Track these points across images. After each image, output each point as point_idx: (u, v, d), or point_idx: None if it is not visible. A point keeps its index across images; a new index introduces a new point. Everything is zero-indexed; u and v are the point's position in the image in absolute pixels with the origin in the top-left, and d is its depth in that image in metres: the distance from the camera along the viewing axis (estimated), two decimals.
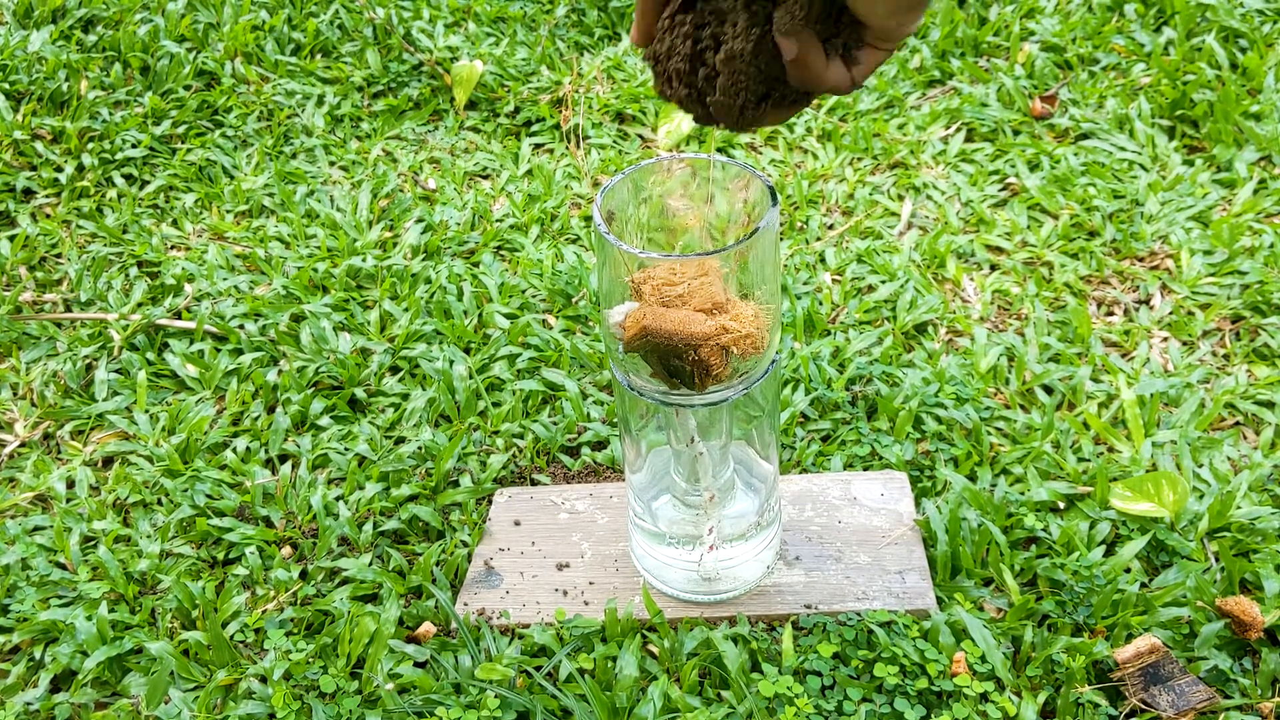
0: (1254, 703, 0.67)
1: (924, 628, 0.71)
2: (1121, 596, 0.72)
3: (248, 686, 0.72)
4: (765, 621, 0.73)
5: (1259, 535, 0.77)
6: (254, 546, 0.82)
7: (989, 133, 1.28)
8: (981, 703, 0.66)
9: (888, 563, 0.76)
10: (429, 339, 1.02)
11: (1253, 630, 0.68)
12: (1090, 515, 0.79)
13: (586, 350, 0.98)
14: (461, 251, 1.15)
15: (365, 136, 1.37)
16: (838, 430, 0.89)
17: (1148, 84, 1.31)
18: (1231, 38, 1.36)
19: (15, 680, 0.75)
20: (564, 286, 1.07)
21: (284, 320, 1.04)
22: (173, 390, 1.00)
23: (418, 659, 0.73)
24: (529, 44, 1.52)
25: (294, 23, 1.54)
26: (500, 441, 0.90)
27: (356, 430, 0.92)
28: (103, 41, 1.48)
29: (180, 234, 1.21)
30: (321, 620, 0.77)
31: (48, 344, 1.06)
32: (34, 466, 0.92)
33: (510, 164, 1.30)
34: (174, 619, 0.78)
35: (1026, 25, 1.45)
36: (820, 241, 1.13)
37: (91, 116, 1.35)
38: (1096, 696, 0.67)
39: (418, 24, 1.51)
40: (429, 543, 0.83)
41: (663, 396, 0.58)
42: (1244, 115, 1.22)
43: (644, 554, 0.74)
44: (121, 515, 0.88)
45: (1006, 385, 0.93)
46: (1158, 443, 0.86)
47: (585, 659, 0.71)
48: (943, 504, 0.80)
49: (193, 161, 1.31)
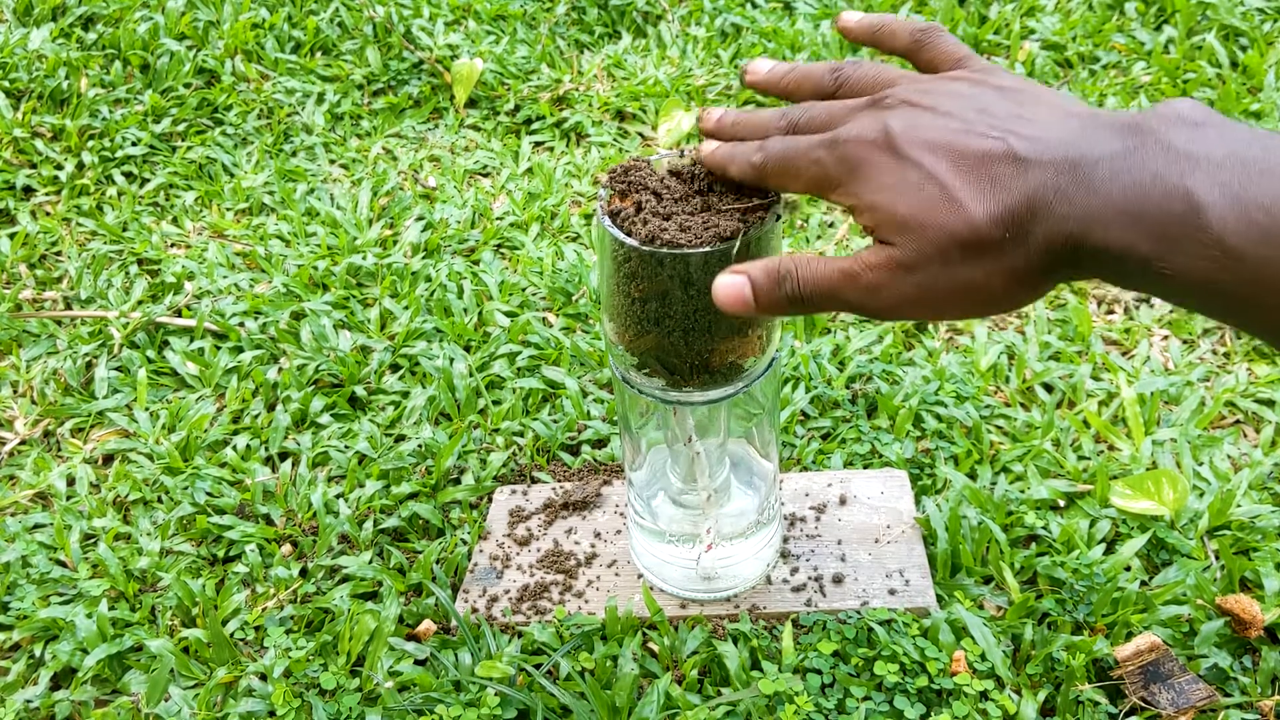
0: (1254, 701, 0.67)
1: (924, 626, 0.71)
2: (1121, 594, 0.72)
3: (248, 684, 0.72)
4: (765, 619, 0.73)
5: (1259, 533, 0.77)
6: (254, 544, 0.82)
7: None
8: (981, 701, 0.66)
9: (888, 561, 0.76)
10: (429, 337, 1.02)
11: (1253, 628, 0.68)
12: (1090, 513, 0.79)
13: (586, 348, 0.98)
14: (462, 249, 1.15)
15: (365, 134, 1.37)
16: (838, 428, 0.89)
17: (1148, 82, 1.31)
18: (1232, 36, 1.35)
19: (15, 678, 0.75)
20: (564, 284, 1.07)
21: (284, 318, 1.04)
22: (173, 388, 1.00)
23: (418, 657, 0.73)
24: (529, 42, 1.51)
25: (294, 21, 1.54)
26: (500, 439, 0.90)
27: (357, 428, 0.92)
28: (103, 39, 1.48)
29: (180, 232, 1.21)
30: (321, 618, 0.77)
31: (48, 342, 1.06)
32: (34, 464, 0.92)
33: (510, 162, 1.30)
34: (174, 616, 0.78)
35: (1027, 23, 1.45)
36: (820, 240, 1.13)
37: (91, 114, 1.35)
38: (1096, 694, 0.67)
39: (418, 22, 1.51)
40: (429, 540, 0.83)
41: (662, 394, 0.58)
42: (1244, 114, 1.22)
43: (644, 552, 0.74)
44: (122, 513, 0.88)
45: (1007, 383, 0.93)
46: (1158, 441, 0.86)
47: (585, 657, 0.71)
48: (943, 502, 0.80)
49: (193, 159, 1.31)
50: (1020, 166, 0.37)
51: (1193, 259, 0.33)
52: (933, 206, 0.38)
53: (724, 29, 1.53)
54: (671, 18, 1.55)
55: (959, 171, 0.38)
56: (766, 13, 1.55)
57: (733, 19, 1.53)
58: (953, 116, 0.40)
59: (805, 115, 0.46)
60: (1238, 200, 0.32)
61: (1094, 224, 0.35)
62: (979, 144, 0.39)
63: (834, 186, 0.42)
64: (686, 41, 1.51)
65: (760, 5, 1.58)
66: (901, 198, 0.39)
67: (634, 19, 1.56)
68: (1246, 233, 0.32)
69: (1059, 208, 0.36)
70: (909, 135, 0.40)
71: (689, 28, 1.54)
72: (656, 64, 1.46)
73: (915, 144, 0.40)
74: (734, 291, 0.44)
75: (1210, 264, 0.32)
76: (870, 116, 0.42)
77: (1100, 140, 0.36)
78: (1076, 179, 0.36)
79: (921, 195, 0.39)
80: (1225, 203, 0.32)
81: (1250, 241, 0.32)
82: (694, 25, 1.54)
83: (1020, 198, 0.37)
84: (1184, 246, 0.33)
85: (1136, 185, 0.34)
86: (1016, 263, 0.38)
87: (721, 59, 1.46)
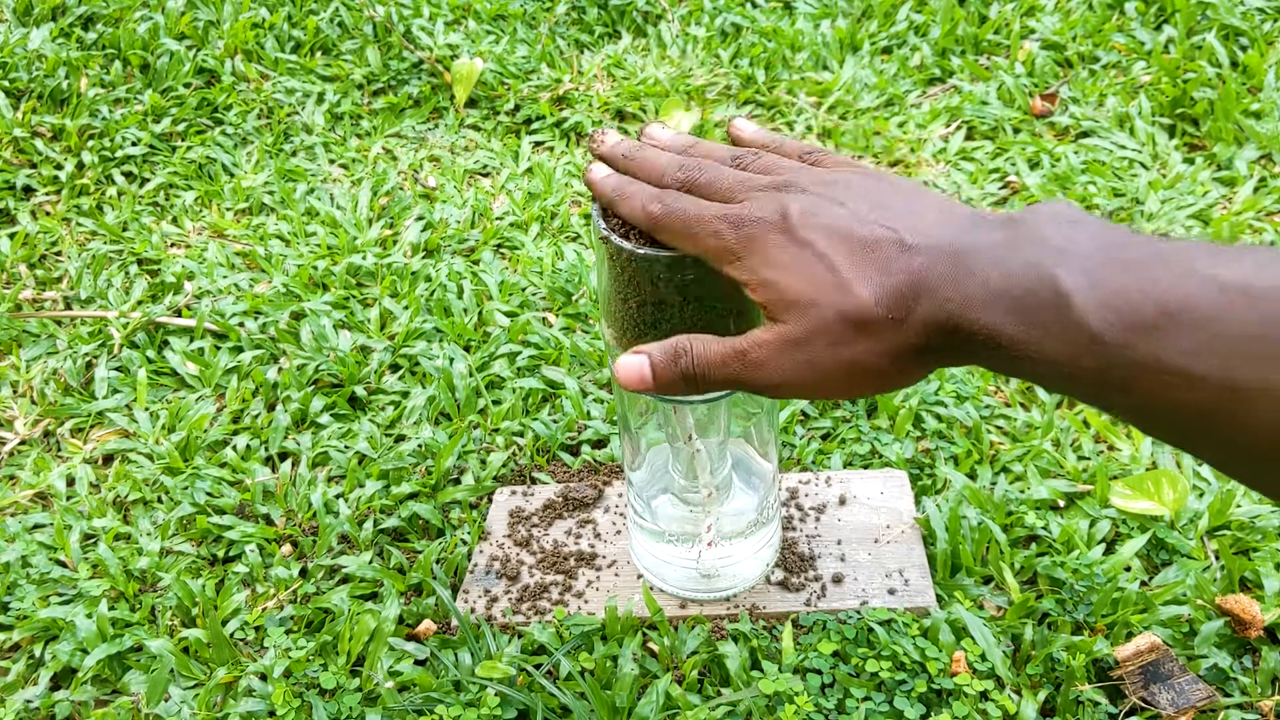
0: (1254, 701, 0.67)
1: (924, 626, 0.71)
2: (1121, 595, 0.72)
3: (248, 684, 0.72)
4: (765, 619, 0.73)
5: (1259, 534, 0.77)
6: (254, 544, 0.82)
7: (989, 131, 1.28)
8: (981, 701, 0.66)
9: (887, 561, 0.76)
10: (429, 337, 1.02)
11: (1253, 628, 0.68)
12: (1090, 513, 0.79)
13: (586, 348, 0.98)
14: (461, 249, 1.15)
15: (365, 134, 1.37)
16: (838, 428, 0.89)
17: (1148, 82, 1.31)
18: (1232, 36, 1.35)
19: (15, 678, 0.75)
20: (564, 284, 1.07)
21: (284, 318, 1.04)
22: (173, 388, 1.00)
23: (418, 657, 0.73)
24: (529, 42, 1.51)
25: (294, 20, 1.54)
26: (500, 439, 0.90)
27: (356, 428, 0.92)
28: (102, 39, 1.48)
29: (180, 232, 1.21)
30: (321, 618, 0.77)
31: (48, 342, 1.06)
32: (34, 464, 0.92)
33: (510, 162, 1.30)
34: (174, 617, 0.78)
35: (1027, 23, 1.45)
36: None
37: (91, 114, 1.35)
38: (1096, 694, 0.67)
39: (418, 22, 1.51)
40: (429, 540, 0.83)
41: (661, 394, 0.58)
42: (1244, 113, 1.22)
43: (644, 552, 0.74)
44: (121, 513, 0.88)
45: (1006, 383, 0.93)
46: (1158, 441, 0.85)
47: (585, 657, 0.71)
48: (943, 502, 0.80)
49: (193, 159, 1.31)
50: (906, 252, 0.40)
51: (1059, 343, 0.35)
52: (822, 285, 0.41)
53: (724, 29, 1.53)
54: (671, 18, 1.55)
55: (849, 254, 0.41)
56: (766, 13, 1.55)
57: (733, 19, 1.53)
58: (845, 206, 0.42)
59: (705, 178, 0.47)
60: (1102, 288, 0.34)
61: (970, 307, 0.37)
62: (869, 231, 0.41)
63: (730, 260, 0.44)
64: (686, 41, 1.51)
65: (760, 5, 1.58)
66: (793, 276, 0.41)
67: (634, 19, 1.56)
68: (1106, 318, 0.34)
69: (940, 290, 0.38)
70: (805, 220, 0.42)
71: (689, 28, 1.54)
72: (656, 64, 1.46)
73: (810, 228, 0.42)
74: (634, 371, 0.47)
75: (1075, 348, 0.35)
76: (771, 198, 0.44)
77: (981, 233, 0.39)
78: (957, 265, 0.38)
79: (812, 274, 0.41)
80: (1090, 290, 0.34)
81: (1109, 326, 0.34)
82: (694, 25, 1.54)
83: (905, 279, 0.39)
84: (1052, 330, 0.35)
85: (1010, 273, 0.37)
86: (898, 341, 0.40)
87: (721, 59, 1.46)
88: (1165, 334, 0.33)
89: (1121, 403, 0.35)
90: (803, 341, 0.41)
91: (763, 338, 0.43)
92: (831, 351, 0.41)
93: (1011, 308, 0.36)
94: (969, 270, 0.38)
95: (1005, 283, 0.37)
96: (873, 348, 0.40)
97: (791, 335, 0.42)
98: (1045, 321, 0.35)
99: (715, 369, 0.45)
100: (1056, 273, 0.35)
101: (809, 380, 0.42)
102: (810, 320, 0.41)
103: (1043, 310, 0.35)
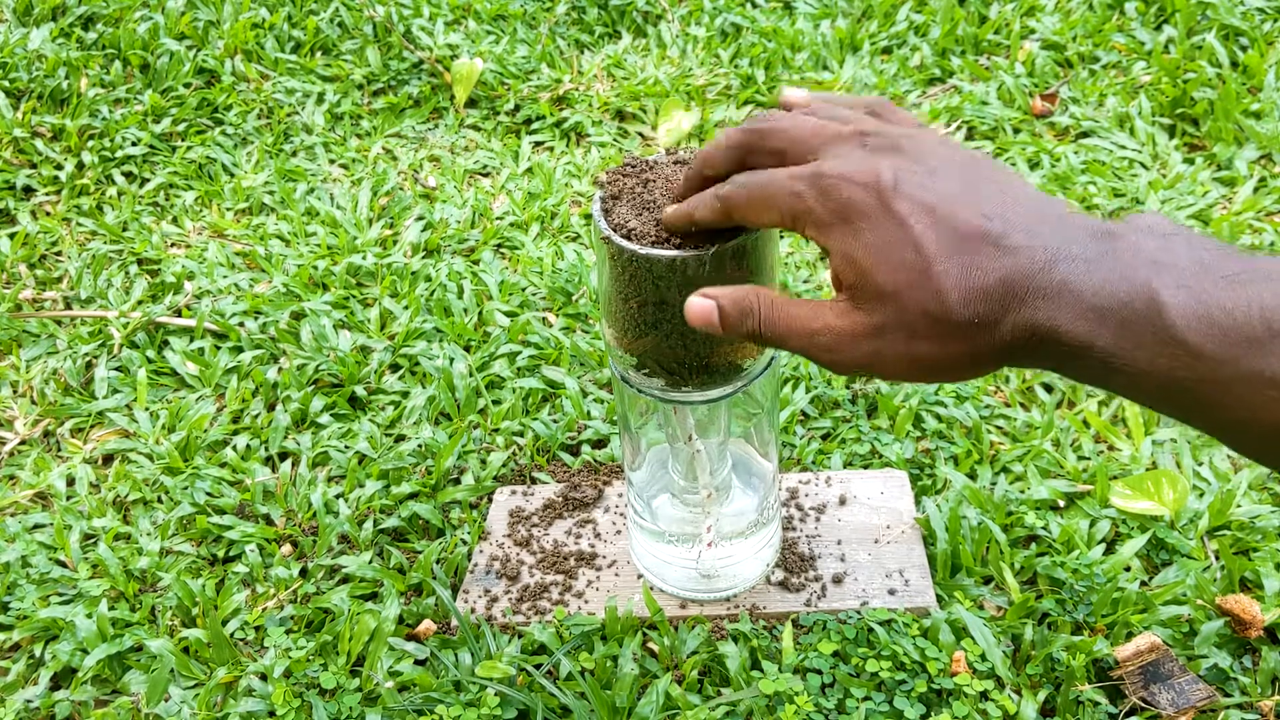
0: (1254, 701, 0.67)
1: (924, 626, 0.71)
2: (1121, 595, 0.72)
3: (248, 684, 0.72)
4: (765, 619, 0.73)
5: (1259, 534, 0.77)
6: (254, 544, 0.82)
7: (989, 131, 1.28)
8: (981, 701, 0.66)
9: (888, 561, 0.76)
10: (429, 337, 1.02)
11: (1253, 628, 0.68)
12: (1090, 513, 0.79)
13: (586, 348, 0.98)
14: (461, 249, 1.15)
15: (365, 134, 1.37)
16: (838, 428, 0.89)
17: (1148, 82, 1.31)
18: (1232, 36, 1.35)
19: (15, 678, 0.75)
20: (564, 284, 1.07)
21: (284, 318, 1.04)
22: (173, 388, 1.00)
23: (418, 656, 0.73)
24: (529, 42, 1.51)
25: (294, 20, 1.54)
26: (500, 439, 0.90)
27: (356, 428, 0.92)
28: (102, 39, 1.48)
29: (180, 231, 1.21)
30: (322, 618, 0.77)
31: (48, 342, 1.06)
32: (34, 464, 0.92)
33: (510, 162, 1.30)
34: (174, 616, 0.78)
35: (1027, 23, 1.45)
36: None
37: (91, 114, 1.35)
38: (1096, 694, 0.67)
39: (418, 22, 1.51)
40: (429, 540, 0.83)
41: (661, 394, 0.58)
42: (1244, 113, 1.22)
43: (644, 552, 0.74)
44: (121, 513, 0.88)
45: (1006, 383, 0.93)
46: (1158, 441, 0.86)
47: (585, 657, 0.71)
48: (943, 502, 0.80)
49: (193, 159, 1.31)
50: (1002, 251, 0.38)
51: (1153, 355, 0.35)
52: (910, 276, 0.38)
53: (724, 29, 1.52)
54: (671, 17, 1.55)
55: (945, 246, 0.38)
56: (766, 12, 1.55)
57: (733, 19, 1.53)
58: (938, 178, 0.40)
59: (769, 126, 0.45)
60: (1199, 302, 0.34)
61: (1062, 316, 0.36)
62: (966, 220, 0.38)
63: (813, 223, 0.41)
64: (686, 41, 1.51)
65: (760, 5, 1.58)
66: (883, 262, 0.39)
67: (634, 19, 1.56)
68: (1207, 332, 0.33)
69: (1033, 297, 0.37)
70: (901, 190, 0.39)
71: (689, 27, 1.54)
72: (656, 64, 1.46)
73: (906, 199, 0.39)
74: (702, 315, 0.46)
75: (1170, 361, 0.34)
76: (856, 153, 0.41)
77: (1075, 239, 0.38)
78: (1051, 272, 0.37)
79: (902, 260, 0.39)
80: (1187, 304, 0.34)
81: (1209, 340, 0.33)
82: (694, 25, 1.54)
83: (998, 282, 0.37)
84: (1146, 343, 0.35)
85: (1105, 284, 0.36)
86: (981, 343, 0.38)
87: (721, 59, 1.46)
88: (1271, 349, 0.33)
89: (1216, 418, 0.35)
90: (878, 333, 0.40)
91: (836, 325, 0.41)
92: (906, 345, 0.39)
93: (1104, 319, 0.36)
94: (1064, 279, 0.37)
95: (1099, 294, 0.36)
96: (951, 348, 0.39)
97: (869, 327, 0.40)
98: (1140, 333, 0.35)
99: (779, 337, 0.43)
100: (1153, 285, 0.35)
101: (875, 366, 0.41)
102: (891, 314, 0.39)
103: (1138, 322, 0.35)
